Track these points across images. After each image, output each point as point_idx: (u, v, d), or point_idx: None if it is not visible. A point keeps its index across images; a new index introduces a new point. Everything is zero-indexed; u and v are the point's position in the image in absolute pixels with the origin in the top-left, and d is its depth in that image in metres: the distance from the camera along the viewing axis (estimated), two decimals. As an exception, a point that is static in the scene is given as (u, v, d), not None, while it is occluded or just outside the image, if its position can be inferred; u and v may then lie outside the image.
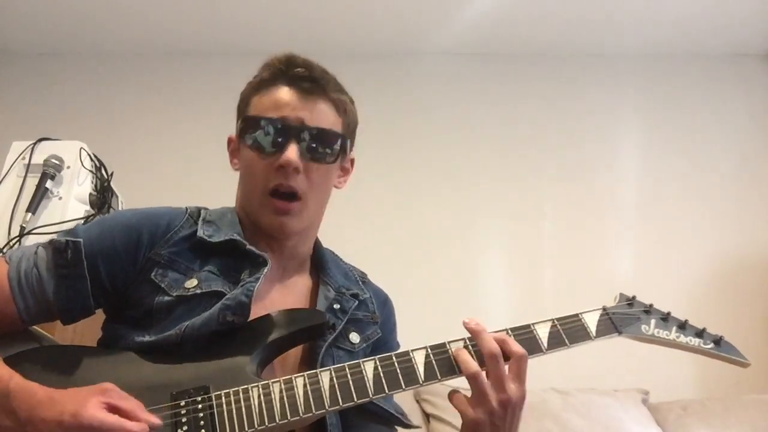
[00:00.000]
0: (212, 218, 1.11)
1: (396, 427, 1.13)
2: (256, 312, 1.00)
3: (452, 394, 0.94)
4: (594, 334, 1.02)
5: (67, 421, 0.79)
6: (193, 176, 2.84)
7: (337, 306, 1.12)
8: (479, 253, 2.87)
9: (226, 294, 1.00)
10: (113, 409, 0.82)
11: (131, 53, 3.21)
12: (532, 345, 0.98)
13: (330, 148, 1.09)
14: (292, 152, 1.04)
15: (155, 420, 0.84)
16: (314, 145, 1.07)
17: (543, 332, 1.00)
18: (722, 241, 2.87)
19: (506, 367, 0.93)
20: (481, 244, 2.88)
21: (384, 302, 1.26)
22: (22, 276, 0.97)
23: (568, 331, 1.00)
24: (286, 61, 1.11)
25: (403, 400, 1.31)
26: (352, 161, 1.22)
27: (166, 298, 1.00)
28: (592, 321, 1.03)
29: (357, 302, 1.16)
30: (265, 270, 1.04)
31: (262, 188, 1.07)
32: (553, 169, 3.01)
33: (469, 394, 0.93)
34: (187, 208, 1.13)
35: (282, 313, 1.02)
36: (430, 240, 2.86)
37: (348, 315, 1.13)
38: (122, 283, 1.02)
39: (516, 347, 0.94)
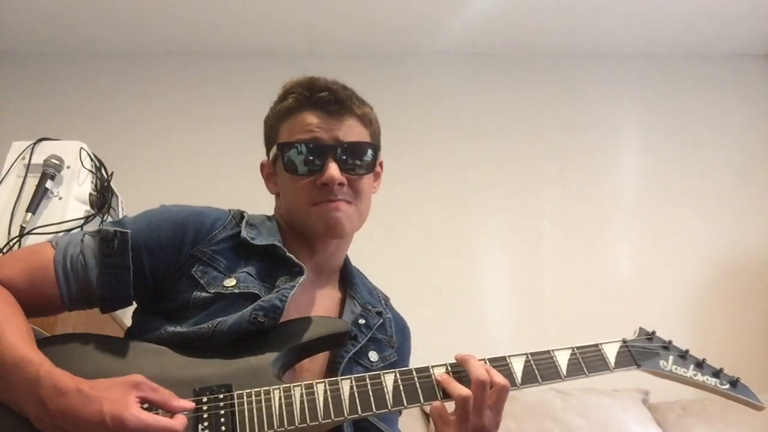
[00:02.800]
0: (254, 222, 1.15)
1: None
2: (285, 317, 1.02)
3: (435, 404, 0.95)
4: (613, 366, 1.04)
5: (108, 423, 0.79)
6: (193, 176, 2.84)
7: (362, 321, 1.15)
8: (478, 253, 2.87)
9: (261, 297, 1.03)
10: (147, 402, 0.83)
11: (132, 53, 3.21)
12: (551, 371, 1.00)
13: (363, 159, 1.14)
14: (333, 169, 1.09)
15: (188, 405, 0.87)
16: (350, 159, 1.12)
17: (563, 359, 1.01)
18: (722, 241, 2.87)
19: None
20: (480, 245, 2.88)
21: (402, 329, 1.28)
22: (67, 261, 1.00)
23: (588, 360, 1.02)
24: (309, 86, 1.15)
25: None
26: (381, 164, 1.26)
27: (204, 294, 1.03)
28: (611, 352, 1.05)
29: (381, 320, 1.19)
30: (302, 279, 1.06)
31: (306, 203, 1.11)
32: (553, 169, 3.01)
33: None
34: (230, 210, 1.16)
35: (307, 319, 1.04)
36: (429, 240, 2.85)
37: (371, 332, 1.15)
38: (162, 276, 1.05)
39: (499, 378, 0.95)
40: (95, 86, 3.14)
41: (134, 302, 1.08)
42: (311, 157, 1.10)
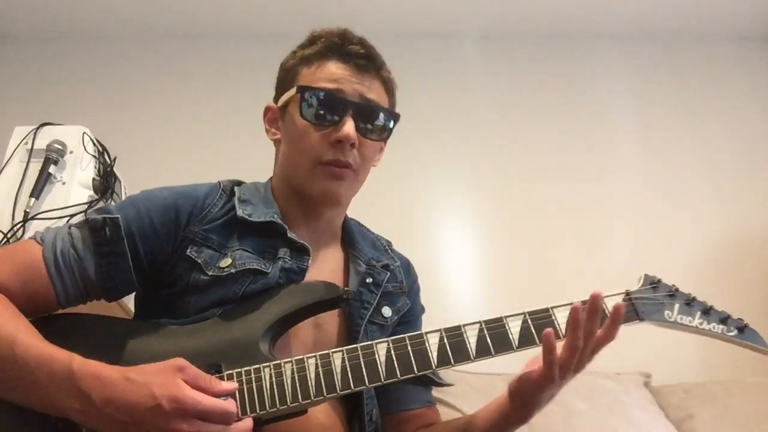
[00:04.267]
0: (247, 197, 1.11)
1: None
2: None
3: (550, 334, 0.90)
4: None
5: (165, 406, 0.77)
6: (196, 160, 2.83)
7: (369, 280, 1.13)
8: (474, 232, 2.86)
9: (262, 270, 1.01)
10: (193, 387, 0.81)
11: (135, 37, 3.19)
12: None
13: (376, 124, 1.10)
14: (350, 127, 1.04)
15: (232, 387, 0.85)
16: (367, 121, 1.08)
17: (562, 318, 0.95)
18: (723, 223, 2.86)
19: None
20: (478, 224, 2.88)
21: (408, 270, 1.27)
22: (59, 256, 0.96)
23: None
24: (342, 36, 1.10)
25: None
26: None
27: (203, 277, 1.01)
28: None
29: (389, 274, 1.17)
30: (309, 260, 1.05)
31: (314, 158, 1.06)
32: (551, 151, 2.99)
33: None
34: (219, 183, 1.12)
35: (295, 286, 1.02)
36: (428, 221, 2.86)
37: (381, 288, 1.14)
38: (160, 262, 1.03)
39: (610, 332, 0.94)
40: (98, 70, 3.12)
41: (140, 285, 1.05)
42: (330, 108, 1.05)
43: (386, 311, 1.13)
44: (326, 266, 1.14)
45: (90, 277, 0.97)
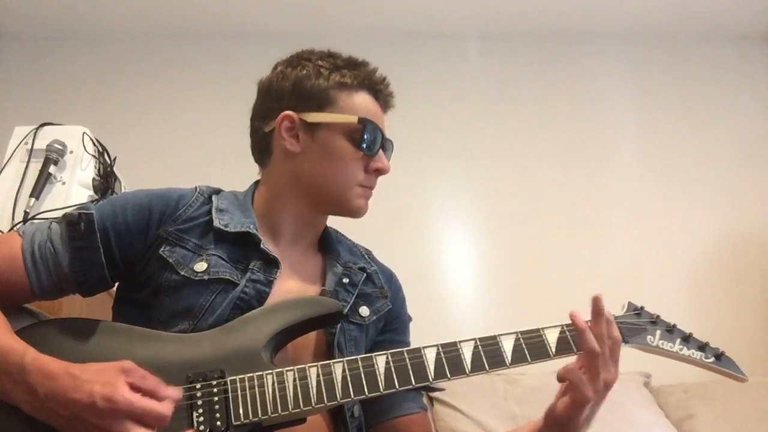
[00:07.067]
0: (224, 206, 1.13)
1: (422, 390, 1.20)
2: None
3: (567, 371, 0.97)
4: None
5: (99, 404, 0.79)
6: (196, 161, 2.84)
7: (346, 280, 1.16)
8: (473, 232, 2.86)
9: (233, 282, 1.03)
10: (136, 389, 0.83)
11: (134, 37, 3.19)
12: (540, 350, 1.00)
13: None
14: (387, 161, 1.18)
15: (176, 394, 0.86)
16: (389, 155, 1.21)
17: (552, 338, 1.01)
18: (724, 224, 2.86)
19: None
20: (482, 223, 2.88)
21: (390, 278, 1.29)
22: (36, 249, 0.99)
23: (576, 339, 1.00)
24: (368, 74, 1.18)
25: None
26: None
27: (174, 276, 1.02)
28: None
29: (365, 275, 1.20)
30: (278, 272, 1.07)
31: (354, 181, 1.14)
32: (553, 151, 3.00)
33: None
34: (197, 187, 1.15)
35: (298, 299, 1.05)
36: (428, 221, 2.86)
37: (358, 288, 1.17)
38: (133, 260, 1.05)
39: (616, 333, 1.00)
40: (98, 70, 3.12)
41: (114, 283, 1.08)
42: (376, 141, 1.14)
43: (364, 311, 1.16)
44: (304, 270, 1.16)
45: (63, 270, 1.00)
